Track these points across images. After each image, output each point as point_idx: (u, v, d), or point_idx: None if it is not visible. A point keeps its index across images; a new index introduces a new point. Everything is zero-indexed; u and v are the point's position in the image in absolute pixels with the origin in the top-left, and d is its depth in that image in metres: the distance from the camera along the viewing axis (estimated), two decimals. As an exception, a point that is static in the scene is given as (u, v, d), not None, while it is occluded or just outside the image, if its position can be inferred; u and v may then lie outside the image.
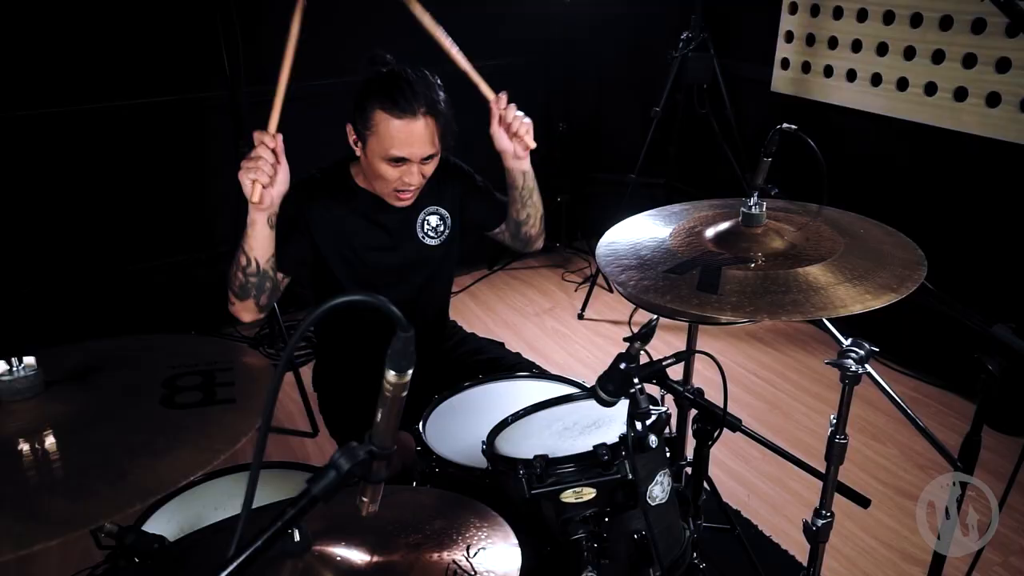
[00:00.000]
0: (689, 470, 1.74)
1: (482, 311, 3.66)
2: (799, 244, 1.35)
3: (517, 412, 1.50)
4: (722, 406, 1.41)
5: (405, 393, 0.71)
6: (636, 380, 1.18)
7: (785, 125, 1.55)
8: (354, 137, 1.78)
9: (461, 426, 1.60)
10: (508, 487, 1.29)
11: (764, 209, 1.36)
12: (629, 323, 3.23)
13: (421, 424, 1.60)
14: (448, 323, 2.16)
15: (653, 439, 1.19)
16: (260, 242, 1.64)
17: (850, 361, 1.30)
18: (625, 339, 1.17)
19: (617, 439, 1.27)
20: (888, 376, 3.09)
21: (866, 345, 1.32)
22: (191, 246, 3.28)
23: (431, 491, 1.20)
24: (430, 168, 1.80)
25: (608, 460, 1.23)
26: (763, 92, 3.38)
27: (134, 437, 1.07)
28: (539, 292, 3.83)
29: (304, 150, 1.81)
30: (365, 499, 0.81)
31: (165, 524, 1.46)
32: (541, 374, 1.86)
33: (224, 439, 1.06)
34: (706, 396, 1.48)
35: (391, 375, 0.69)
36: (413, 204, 1.90)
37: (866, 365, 1.31)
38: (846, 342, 1.34)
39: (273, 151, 1.57)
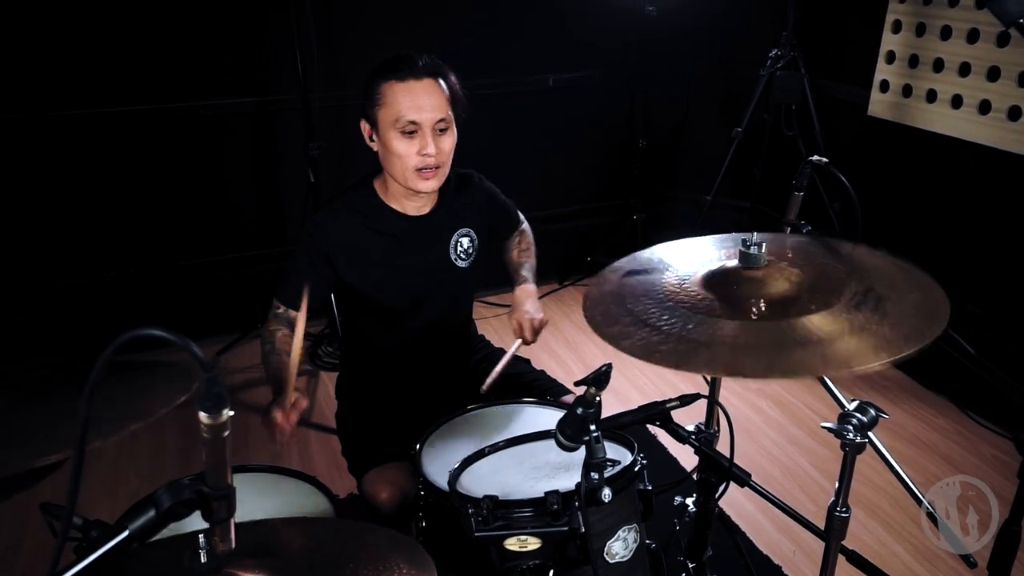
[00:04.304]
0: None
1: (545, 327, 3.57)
2: (803, 288, 1.21)
3: (496, 443, 1.43)
4: (734, 456, 1.30)
5: (227, 433, 0.67)
6: (592, 427, 1.09)
7: (815, 158, 1.41)
8: (368, 129, 1.75)
9: (455, 450, 1.55)
10: (462, 525, 1.23)
11: (764, 250, 1.23)
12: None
13: (419, 444, 1.57)
14: (475, 337, 2.12)
15: (607, 492, 1.09)
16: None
17: (849, 428, 1.16)
18: (576, 383, 1.08)
19: (574, 487, 1.18)
20: (978, 435, 2.78)
21: (871, 411, 1.17)
22: (259, 243, 3.38)
23: (380, 530, 1.15)
24: (447, 144, 1.72)
25: (558, 510, 1.14)
26: (858, 116, 3.13)
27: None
28: (607, 311, 3.71)
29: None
30: (216, 538, 0.77)
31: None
32: (553, 401, 1.79)
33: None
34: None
35: (202, 416, 0.66)
36: (447, 226, 1.87)
37: (870, 433, 1.16)
38: (850, 405, 1.19)
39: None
